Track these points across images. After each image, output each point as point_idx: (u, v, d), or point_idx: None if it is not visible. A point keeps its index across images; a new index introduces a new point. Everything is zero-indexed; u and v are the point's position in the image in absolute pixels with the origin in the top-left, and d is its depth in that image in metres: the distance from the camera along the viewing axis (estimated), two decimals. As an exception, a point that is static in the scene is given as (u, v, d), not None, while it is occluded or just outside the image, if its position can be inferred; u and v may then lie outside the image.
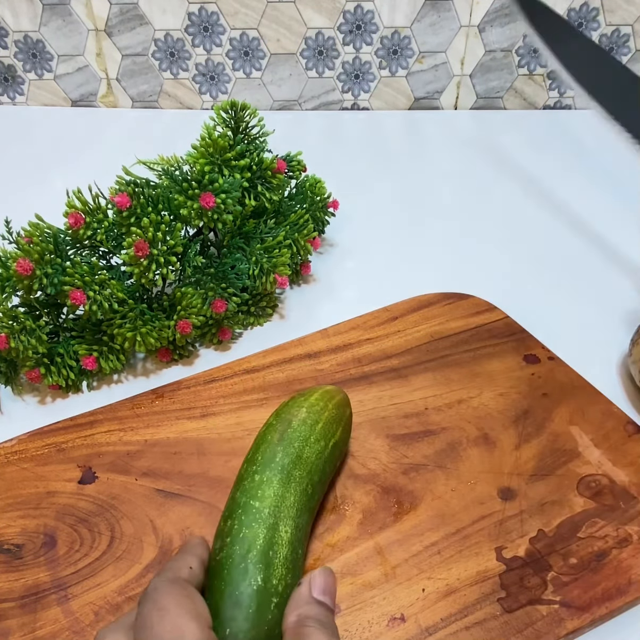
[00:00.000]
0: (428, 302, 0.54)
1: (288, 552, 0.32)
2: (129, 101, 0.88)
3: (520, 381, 0.47)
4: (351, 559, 0.37)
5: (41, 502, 0.40)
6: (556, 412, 0.45)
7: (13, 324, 0.44)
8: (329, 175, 0.62)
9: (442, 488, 0.40)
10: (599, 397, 0.46)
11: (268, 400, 0.46)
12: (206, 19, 0.81)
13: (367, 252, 0.63)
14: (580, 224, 0.67)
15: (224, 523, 0.33)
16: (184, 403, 0.46)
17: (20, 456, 0.42)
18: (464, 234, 0.66)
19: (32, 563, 0.37)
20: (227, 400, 0.46)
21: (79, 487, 0.41)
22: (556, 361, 0.49)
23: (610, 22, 0.81)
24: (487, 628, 0.33)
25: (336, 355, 0.50)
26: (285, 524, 0.33)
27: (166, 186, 0.48)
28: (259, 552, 0.31)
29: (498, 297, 0.55)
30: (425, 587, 0.35)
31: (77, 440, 0.43)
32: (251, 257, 0.51)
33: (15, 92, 0.88)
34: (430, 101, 0.88)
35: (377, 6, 0.80)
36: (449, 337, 0.51)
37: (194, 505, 0.40)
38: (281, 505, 0.33)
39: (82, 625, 0.34)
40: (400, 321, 0.53)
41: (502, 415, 0.45)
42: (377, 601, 0.35)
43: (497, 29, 0.82)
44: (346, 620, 0.34)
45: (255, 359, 0.50)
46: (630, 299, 0.57)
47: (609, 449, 0.42)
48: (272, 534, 0.32)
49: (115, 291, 0.45)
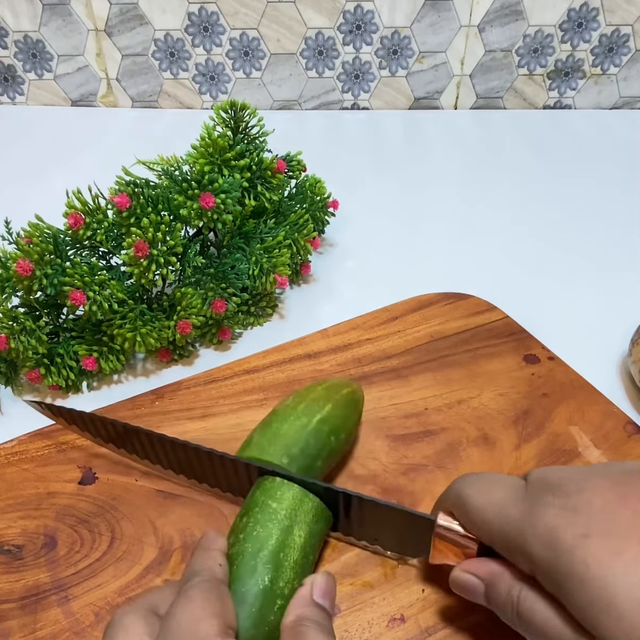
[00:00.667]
0: (428, 302, 0.54)
1: (299, 557, 0.32)
2: (129, 101, 0.88)
3: (520, 381, 0.47)
4: (351, 559, 0.37)
5: (41, 502, 0.40)
6: (556, 412, 0.45)
7: (13, 324, 0.44)
8: (329, 175, 0.62)
9: (442, 488, 0.40)
10: (598, 397, 0.46)
11: (268, 401, 0.46)
12: (206, 19, 0.81)
13: (367, 252, 0.63)
14: (580, 224, 0.67)
15: (239, 519, 0.33)
16: (184, 403, 0.46)
17: (20, 457, 0.42)
18: (464, 233, 0.66)
19: (33, 564, 0.37)
20: (227, 400, 0.46)
21: (80, 488, 0.40)
22: (556, 361, 0.49)
23: (610, 22, 0.81)
24: (487, 628, 0.33)
25: (336, 356, 0.50)
26: (300, 528, 0.33)
27: (166, 186, 0.48)
28: (270, 553, 0.31)
29: (499, 297, 0.55)
30: (425, 587, 0.35)
31: (77, 441, 0.43)
32: (251, 257, 0.51)
33: (15, 92, 0.88)
34: (430, 101, 0.88)
35: (377, 6, 0.80)
36: (449, 337, 0.51)
37: (194, 506, 0.39)
38: (298, 509, 0.33)
39: (82, 626, 0.34)
40: (400, 321, 0.53)
41: (502, 415, 0.45)
42: (377, 602, 0.35)
43: (497, 29, 0.82)
44: (346, 620, 0.34)
45: (255, 359, 0.50)
46: (631, 299, 0.57)
47: (608, 449, 0.42)
48: (285, 536, 0.32)
49: (115, 291, 0.45)
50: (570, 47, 0.83)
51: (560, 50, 0.83)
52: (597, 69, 0.85)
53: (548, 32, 0.82)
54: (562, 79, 0.86)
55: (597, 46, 0.83)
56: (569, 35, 0.82)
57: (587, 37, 0.82)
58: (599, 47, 0.83)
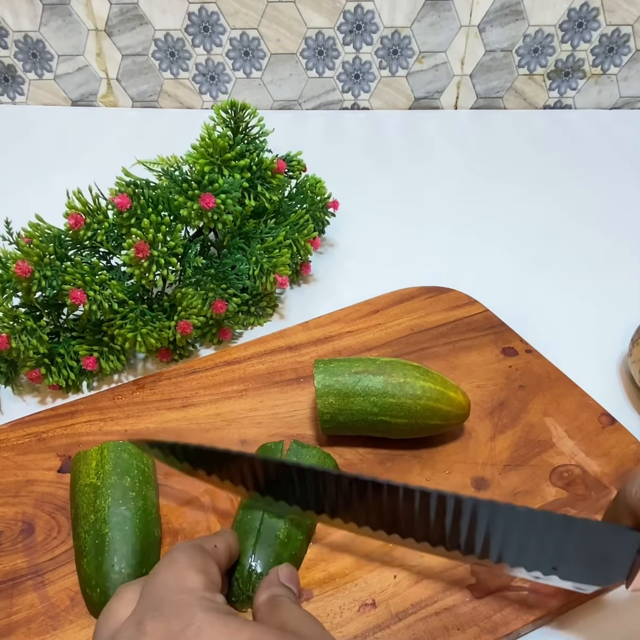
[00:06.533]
0: (409, 296, 0.55)
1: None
2: (129, 101, 0.88)
3: (498, 373, 0.48)
4: (325, 546, 0.37)
5: (20, 490, 0.40)
6: (532, 404, 0.45)
7: (14, 324, 0.44)
8: (329, 175, 0.62)
9: (417, 477, 0.41)
10: (574, 389, 0.46)
11: (248, 392, 0.47)
12: (206, 19, 0.81)
13: (367, 252, 0.63)
14: (580, 223, 0.67)
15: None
16: (165, 394, 0.47)
17: (0, 445, 0.43)
18: (465, 233, 0.66)
19: (10, 549, 0.37)
20: (207, 391, 0.47)
21: (58, 476, 0.41)
22: (534, 354, 0.49)
23: (610, 22, 0.81)
24: (457, 614, 0.34)
25: (317, 348, 0.50)
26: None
27: (166, 187, 0.48)
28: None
29: (499, 297, 0.55)
30: (396, 573, 0.36)
31: (57, 430, 0.44)
32: (251, 257, 0.51)
33: (15, 92, 0.88)
34: (430, 101, 0.88)
35: (377, 6, 0.80)
36: (428, 330, 0.51)
37: (171, 494, 0.40)
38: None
39: (57, 610, 0.34)
40: (381, 314, 0.53)
41: (478, 406, 0.45)
42: (349, 587, 0.35)
43: (497, 29, 0.82)
44: (317, 605, 0.35)
45: (236, 350, 0.50)
46: (631, 299, 0.57)
47: (582, 439, 0.43)
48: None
49: (115, 291, 0.45)
50: (571, 47, 0.83)
51: (561, 50, 0.83)
52: (597, 68, 0.85)
53: (548, 32, 0.82)
54: (562, 79, 0.86)
55: (597, 46, 0.83)
56: (569, 35, 0.82)
57: (587, 37, 0.82)
58: (599, 47, 0.83)
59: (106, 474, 0.37)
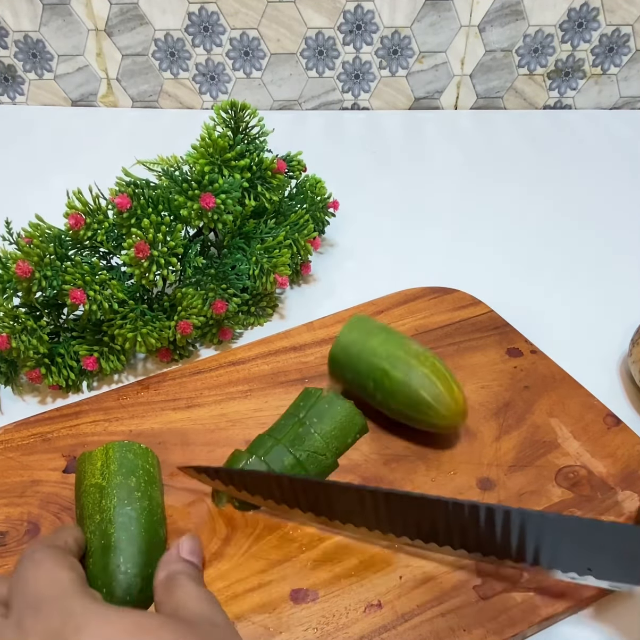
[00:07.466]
0: (414, 296, 0.55)
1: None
2: (129, 101, 0.88)
3: (503, 374, 0.47)
4: (330, 546, 0.37)
5: (26, 490, 0.40)
6: (537, 405, 0.45)
7: (14, 324, 0.44)
8: (329, 175, 0.62)
9: (422, 478, 0.41)
10: (579, 389, 0.46)
11: (252, 392, 0.47)
12: (206, 19, 0.81)
13: (367, 252, 0.63)
14: (580, 223, 0.67)
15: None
16: (169, 394, 0.47)
17: (5, 445, 0.43)
18: (466, 233, 0.66)
19: (16, 550, 0.37)
20: (212, 391, 0.47)
21: (64, 476, 0.41)
22: (538, 354, 0.49)
23: (610, 22, 0.81)
24: (463, 614, 0.34)
25: (321, 348, 0.50)
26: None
27: (166, 187, 0.48)
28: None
29: (500, 298, 0.55)
30: (402, 574, 0.36)
31: (62, 430, 0.44)
32: (251, 257, 0.51)
33: (15, 92, 0.88)
34: (430, 101, 0.88)
35: (377, 6, 0.80)
36: (433, 331, 0.51)
37: (176, 494, 0.40)
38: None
39: None
40: (385, 315, 0.53)
41: (483, 407, 0.45)
42: (354, 588, 0.35)
43: (497, 29, 0.82)
44: (323, 606, 0.34)
45: (240, 351, 0.50)
46: (631, 299, 0.57)
47: (588, 440, 0.43)
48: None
49: (115, 291, 0.45)
50: (571, 47, 0.83)
51: (561, 50, 0.83)
52: (597, 68, 0.85)
53: (548, 32, 0.82)
54: (562, 79, 0.86)
55: (597, 46, 0.83)
56: (569, 35, 0.82)
57: (587, 37, 0.82)
58: (599, 47, 0.83)
59: (111, 474, 0.37)
